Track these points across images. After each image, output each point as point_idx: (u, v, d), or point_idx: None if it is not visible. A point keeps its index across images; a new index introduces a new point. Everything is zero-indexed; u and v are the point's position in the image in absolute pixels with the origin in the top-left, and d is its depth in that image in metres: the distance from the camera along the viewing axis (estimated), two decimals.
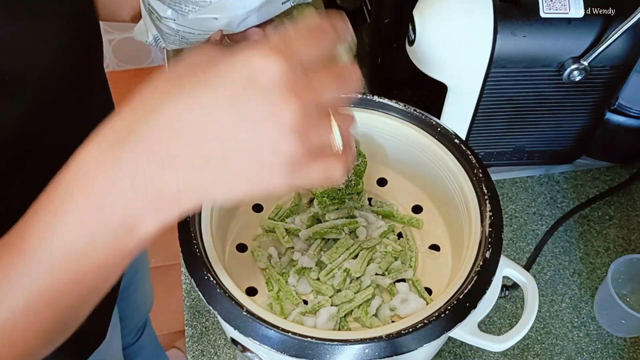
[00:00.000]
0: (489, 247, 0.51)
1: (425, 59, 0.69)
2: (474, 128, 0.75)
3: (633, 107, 0.78)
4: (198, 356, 0.68)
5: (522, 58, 0.67)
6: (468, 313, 0.48)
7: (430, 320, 0.47)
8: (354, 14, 0.93)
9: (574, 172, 0.86)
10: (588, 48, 0.67)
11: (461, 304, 0.48)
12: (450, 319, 0.47)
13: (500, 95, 0.72)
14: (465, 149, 0.59)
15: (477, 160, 0.58)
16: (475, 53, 0.67)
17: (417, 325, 0.47)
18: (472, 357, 0.69)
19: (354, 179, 0.62)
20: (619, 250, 0.78)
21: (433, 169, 0.62)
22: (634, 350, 0.70)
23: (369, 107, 0.63)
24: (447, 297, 0.49)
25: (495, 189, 0.56)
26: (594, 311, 0.73)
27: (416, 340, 0.46)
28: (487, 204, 0.55)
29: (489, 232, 0.53)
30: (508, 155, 0.81)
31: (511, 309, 0.73)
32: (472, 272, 0.50)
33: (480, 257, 0.51)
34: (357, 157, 0.62)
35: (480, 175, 0.57)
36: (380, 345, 0.46)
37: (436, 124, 0.61)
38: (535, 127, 0.77)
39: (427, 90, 0.76)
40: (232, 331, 0.50)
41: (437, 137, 0.61)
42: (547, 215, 0.81)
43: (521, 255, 0.77)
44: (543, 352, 0.69)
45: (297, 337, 0.46)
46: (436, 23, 0.67)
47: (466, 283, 0.50)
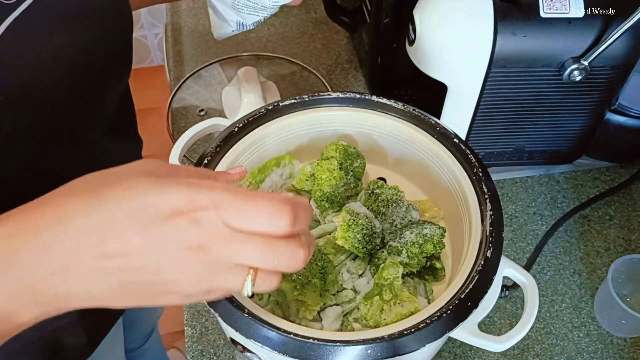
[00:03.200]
0: (490, 246, 0.51)
1: (425, 59, 0.69)
2: (474, 128, 0.75)
3: (633, 107, 0.78)
4: (198, 356, 0.68)
5: (522, 58, 0.67)
6: (470, 312, 0.48)
7: (432, 320, 0.47)
8: (354, 14, 0.93)
9: (574, 172, 0.86)
10: (588, 48, 0.67)
11: (463, 304, 0.48)
12: (452, 318, 0.47)
13: (500, 95, 0.71)
14: (465, 148, 0.59)
15: (476, 160, 0.58)
16: (475, 53, 0.67)
17: (419, 325, 0.47)
18: (472, 357, 0.69)
19: (353, 181, 0.62)
20: (619, 250, 0.78)
21: (433, 168, 0.62)
22: (634, 350, 0.70)
23: (368, 107, 0.63)
24: (448, 297, 0.49)
25: (495, 189, 0.56)
26: (594, 311, 0.73)
27: (418, 340, 0.46)
28: (488, 203, 0.55)
29: (490, 231, 0.52)
30: (508, 155, 0.81)
31: (511, 309, 0.73)
32: (473, 271, 0.50)
33: (481, 256, 0.51)
34: (356, 158, 0.62)
35: (480, 175, 0.57)
36: (382, 345, 0.45)
37: (435, 123, 0.61)
38: (535, 127, 0.77)
39: (427, 90, 0.75)
40: (231, 332, 0.49)
41: (436, 137, 0.61)
42: (547, 215, 0.81)
43: (521, 255, 0.77)
44: (543, 352, 0.69)
45: (299, 338, 0.46)
46: (436, 23, 0.67)
47: (467, 282, 0.50)
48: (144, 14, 2.04)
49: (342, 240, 0.54)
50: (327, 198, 0.59)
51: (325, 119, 0.63)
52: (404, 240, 0.55)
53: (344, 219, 0.55)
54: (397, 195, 0.60)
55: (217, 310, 0.47)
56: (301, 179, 0.61)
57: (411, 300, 0.52)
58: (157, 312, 1.12)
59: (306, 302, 0.53)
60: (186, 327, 0.70)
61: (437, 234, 0.55)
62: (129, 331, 0.94)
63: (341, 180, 0.59)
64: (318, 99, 0.63)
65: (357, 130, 0.65)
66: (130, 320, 0.95)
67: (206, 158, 0.57)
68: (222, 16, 0.68)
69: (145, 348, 1.12)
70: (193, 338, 0.69)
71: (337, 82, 0.97)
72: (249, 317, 0.47)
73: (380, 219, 0.58)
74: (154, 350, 1.19)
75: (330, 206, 0.60)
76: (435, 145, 0.61)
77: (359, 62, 1.00)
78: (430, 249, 0.55)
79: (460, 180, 0.58)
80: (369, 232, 0.55)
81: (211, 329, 0.70)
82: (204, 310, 0.71)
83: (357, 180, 0.62)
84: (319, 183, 0.59)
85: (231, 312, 0.47)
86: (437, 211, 0.63)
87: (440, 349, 0.69)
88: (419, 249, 0.55)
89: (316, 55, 1.01)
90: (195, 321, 0.70)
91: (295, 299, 0.53)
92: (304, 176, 0.61)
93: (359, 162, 0.62)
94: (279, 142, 0.63)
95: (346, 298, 0.55)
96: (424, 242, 0.55)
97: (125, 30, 0.58)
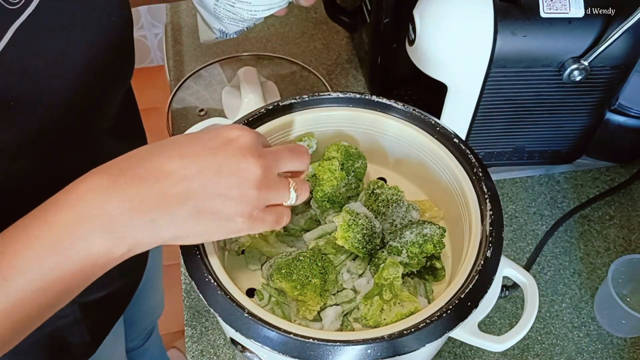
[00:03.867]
0: (490, 246, 0.51)
1: (425, 59, 0.69)
2: (474, 128, 0.75)
3: (633, 107, 0.78)
4: (198, 356, 0.68)
5: (522, 58, 0.67)
6: (470, 312, 0.48)
7: (432, 320, 0.47)
8: (354, 14, 0.93)
9: (574, 172, 0.86)
10: (588, 48, 0.67)
11: (463, 304, 0.48)
12: (452, 318, 0.47)
13: (500, 95, 0.71)
14: (465, 148, 0.59)
15: (476, 160, 0.58)
16: (475, 53, 0.67)
17: (418, 325, 0.47)
18: (472, 357, 0.69)
19: (354, 181, 0.62)
20: (619, 250, 0.78)
21: (433, 168, 0.61)
22: (634, 350, 0.70)
23: (368, 107, 0.63)
24: (448, 297, 0.49)
25: (495, 188, 0.56)
26: (594, 311, 0.73)
27: (418, 340, 0.46)
28: (488, 203, 0.55)
29: (490, 231, 0.52)
30: (508, 155, 0.81)
31: (511, 309, 0.73)
32: (473, 271, 0.50)
33: (481, 256, 0.51)
34: (357, 159, 0.62)
35: (480, 174, 0.57)
36: (382, 345, 0.45)
37: (435, 123, 0.61)
38: (535, 127, 0.77)
39: (427, 90, 0.76)
40: (231, 332, 0.49)
41: (436, 137, 0.61)
42: (547, 215, 0.81)
43: (521, 255, 0.77)
44: (543, 352, 0.69)
45: (299, 338, 0.46)
46: (436, 23, 0.67)
47: (467, 282, 0.50)
48: (143, 14, 2.04)
49: (342, 240, 0.54)
50: (328, 198, 0.59)
51: (325, 118, 0.63)
52: (404, 240, 0.55)
53: (344, 219, 0.55)
54: (397, 195, 0.60)
55: (217, 310, 0.47)
56: None
57: (411, 300, 0.52)
58: (157, 311, 1.12)
59: (306, 302, 0.53)
60: (186, 327, 0.70)
61: (437, 234, 0.55)
62: (130, 330, 0.95)
63: (342, 180, 0.59)
64: (318, 99, 0.63)
65: (357, 130, 0.65)
66: (130, 319, 0.95)
67: None
68: (207, 23, 0.68)
69: (145, 348, 1.13)
70: (193, 338, 0.69)
71: (337, 82, 0.97)
72: (249, 317, 0.47)
73: (380, 219, 0.58)
74: (154, 350, 1.19)
75: (332, 206, 0.60)
76: (435, 145, 0.61)
77: (359, 62, 1.00)
78: (431, 249, 0.55)
79: (460, 180, 0.58)
80: (369, 232, 0.55)
81: (211, 329, 0.70)
82: (204, 310, 0.71)
83: (358, 180, 0.62)
84: (320, 183, 0.59)
85: (231, 312, 0.47)
86: (437, 211, 0.63)
87: (440, 349, 0.69)
88: (419, 249, 0.55)
89: (316, 55, 1.01)
90: (195, 321, 0.70)
91: (295, 298, 0.53)
92: (305, 176, 0.61)
93: (361, 163, 0.62)
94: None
95: (346, 298, 0.55)
96: (424, 242, 0.55)
97: (127, 30, 0.58)
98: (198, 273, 0.49)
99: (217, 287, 0.48)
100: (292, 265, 0.53)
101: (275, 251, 0.58)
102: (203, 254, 0.51)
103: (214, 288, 0.48)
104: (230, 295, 0.48)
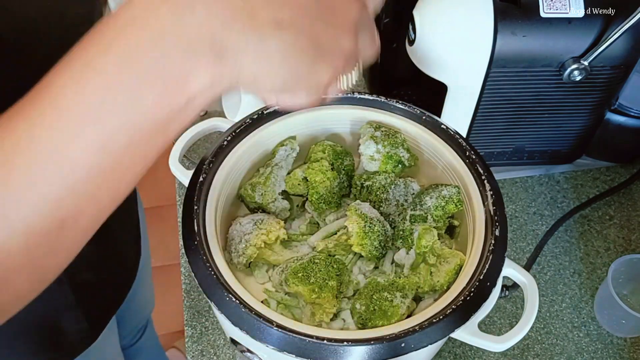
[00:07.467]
0: (492, 247, 0.51)
1: (425, 59, 0.69)
2: (474, 128, 0.75)
3: (633, 107, 0.78)
4: (197, 356, 0.68)
5: (522, 58, 0.67)
6: (472, 314, 0.48)
7: (433, 321, 0.47)
8: None
9: (574, 172, 0.86)
10: (588, 48, 0.67)
11: (465, 305, 0.48)
12: (454, 319, 0.47)
13: (500, 95, 0.71)
14: (466, 145, 0.59)
15: (478, 159, 0.58)
16: (475, 53, 0.67)
17: (422, 325, 0.47)
18: (472, 357, 0.69)
19: (345, 179, 0.62)
20: (619, 250, 0.78)
21: (434, 167, 0.62)
22: (634, 350, 0.70)
23: (368, 106, 0.63)
24: (451, 298, 0.49)
25: (498, 187, 0.56)
26: (594, 311, 0.73)
27: (418, 340, 0.46)
28: (486, 183, 0.56)
29: (493, 210, 0.54)
30: (508, 155, 0.81)
31: (511, 309, 0.73)
32: (476, 273, 0.50)
33: (491, 235, 0.52)
34: (345, 157, 0.62)
35: (473, 157, 0.58)
36: (384, 345, 0.45)
37: (420, 112, 0.62)
38: (535, 127, 0.77)
39: (427, 90, 0.76)
40: (232, 331, 0.49)
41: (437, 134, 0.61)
42: (547, 215, 0.81)
43: (521, 255, 0.77)
44: (543, 352, 0.69)
45: (300, 336, 0.45)
46: (436, 23, 0.67)
47: (470, 283, 0.50)
48: None
49: (359, 247, 0.54)
50: (324, 200, 0.59)
51: (325, 118, 0.63)
52: (426, 207, 0.57)
53: (359, 225, 0.54)
54: (389, 177, 0.60)
55: (220, 308, 0.47)
56: (294, 184, 0.61)
57: (453, 254, 0.54)
58: (148, 305, 1.11)
59: (322, 305, 0.53)
60: (186, 327, 0.70)
61: (455, 193, 0.57)
62: (122, 326, 0.94)
63: (335, 180, 0.60)
64: None
65: (357, 129, 0.65)
66: (121, 315, 0.94)
67: (207, 160, 0.57)
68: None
69: (140, 345, 1.12)
70: (193, 338, 0.69)
71: None
72: (252, 314, 0.46)
73: (384, 205, 0.59)
74: (151, 348, 1.18)
75: (328, 207, 0.60)
76: (438, 143, 0.61)
77: None
78: (452, 209, 0.57)
79: (464, 178, 0.58)
80: (384, 238, 0.56)
81: (211, 329, 0.70)
82: (204, 310, 0.71)
83: (349, 178, 0.62)
84: (313, 186, 0.59)
85: (234, 310, 0.47)
86: None
87: (440, 349, 0.69)
88: (442, 211, 0.57)
89: None
90: (195, 321, 0.70)
91: (312, 302, 0.53)
92: (296, 181, 0.61)
93: (349, 160, 0.62)
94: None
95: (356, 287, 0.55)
96: (445, 203, 0.57)
97: None
98: (201, 269, 0.49)
99: (224, 289, 0.48)
100: (308, 269, 0.53)
101: (282, 258, 0.57)
102: (206, 246, 0.51)
103: (222, 291, 0.48)
104: (233, 292, 0.48)
